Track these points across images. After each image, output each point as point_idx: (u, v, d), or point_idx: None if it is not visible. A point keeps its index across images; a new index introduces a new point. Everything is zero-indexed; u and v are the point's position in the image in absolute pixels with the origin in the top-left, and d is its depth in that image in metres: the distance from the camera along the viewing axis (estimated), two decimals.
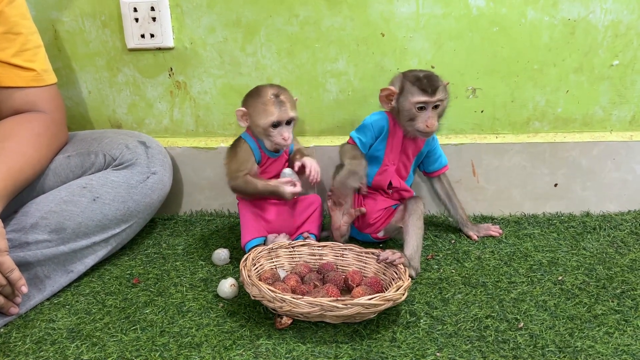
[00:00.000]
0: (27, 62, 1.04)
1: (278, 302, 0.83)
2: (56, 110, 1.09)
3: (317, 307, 0.81)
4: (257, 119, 1.04)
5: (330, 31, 1.20)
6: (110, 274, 1.05)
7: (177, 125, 1.31)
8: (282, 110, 1.03)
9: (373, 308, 0.82)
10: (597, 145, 1.19)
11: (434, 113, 1.03)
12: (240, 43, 1.23)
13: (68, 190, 1.02)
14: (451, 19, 1.17)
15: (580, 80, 1.19)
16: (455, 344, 0.81)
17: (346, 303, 0.81)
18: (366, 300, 0.81)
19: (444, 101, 1.04)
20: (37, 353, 0.83)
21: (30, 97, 1.06)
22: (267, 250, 1.00)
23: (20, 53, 1.03)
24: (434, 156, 1.14)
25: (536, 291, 0.94)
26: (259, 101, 1.04)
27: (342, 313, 0.81)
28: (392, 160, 1.09)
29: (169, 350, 0.82)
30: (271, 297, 0.83)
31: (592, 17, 1.14)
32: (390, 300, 0.83)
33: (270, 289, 0.84)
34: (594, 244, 1.10)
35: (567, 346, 0.80)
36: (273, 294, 0.83)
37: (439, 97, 1.02)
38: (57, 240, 0.97)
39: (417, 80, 1.02)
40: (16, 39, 1.03)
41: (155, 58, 1.26)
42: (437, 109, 1.04)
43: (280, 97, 1.04)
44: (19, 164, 0.96)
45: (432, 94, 1.01)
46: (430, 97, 1.01)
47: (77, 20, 1.25)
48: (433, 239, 1.15)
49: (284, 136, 1.04)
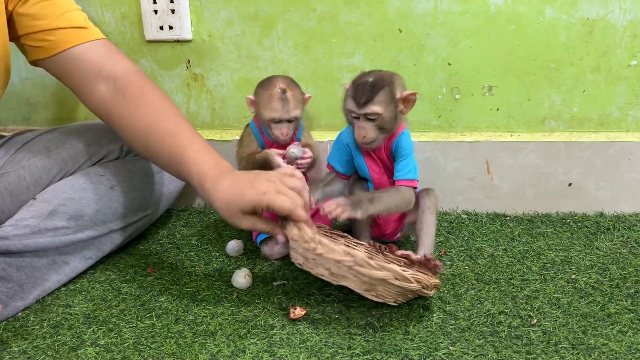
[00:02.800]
0: (71, 21, 0.98)
1: (314, 244, 0.81)
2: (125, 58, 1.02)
3: (350, 258, 0.79)
4: (261, 110, 1.05)
5: (347, 26, 1.21)
6: (126, 262, 1.07)
7: (193, 118, 1.33)
8: (285, 109, 1.03)
9: (403, 281, 0.80)
10: (613, 146, 1.19)
11: (368, 124, 0.93)
12: (257, 37, 1.24)
13: (86, 177, 1.04)
14: (469, 16, 1.17)
15: (597, 80, 1.19)
16: (468, 339, 0.81)
17: (380, 264, 0.79)
18: (400, 270, 0.80)
19: (382, 114, 0.92)
20: (54, 337, 0.84)
21: (102, 50, 0.99)
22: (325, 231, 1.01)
23: (64, 14, 0.98)
24: (396, 164, 0.99)
25: (549, 289, 0.94)
26: (265, 94, 1.04)
27: (371, 273, 0.79)
28: (378, 172, 1.02)
29: (184, 338, 0.83)
30: (309, 237, 0.81)
31: (611, 17, 1.14)
32: (420, 283, 0.82)
33: (310, 230, 0.82)
34: (607, 244, 1.10)
35: (581, 343, 0.80)
36: (312, 234, 0.81)
37: (367, 111, 0.92)
38: (75, 227, 0.99)
39: (353, 87, 0.94)
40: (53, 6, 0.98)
41: (173, 50, 1.27)
42: (373, 121, 0.93)
43: (287, 94, 1.03)
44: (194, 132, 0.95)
45: (361, 106, 0.92)
46: (358, 109, 0.93)
47: (97, 11, 1.26)
48: (446, 235, 1.16)
49: (282, 131, 1.05)
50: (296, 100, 1.05)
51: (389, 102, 0.93)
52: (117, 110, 0.96)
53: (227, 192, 0.85)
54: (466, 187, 1.25)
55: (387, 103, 0.92)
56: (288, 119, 1.04)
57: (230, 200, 0.85)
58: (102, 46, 0.99)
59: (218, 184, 0.86)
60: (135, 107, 0.95)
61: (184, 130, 0.93)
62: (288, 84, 1.05)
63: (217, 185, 0.86)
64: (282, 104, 1.03)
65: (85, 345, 0.82)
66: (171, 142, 0.92)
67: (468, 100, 1.23)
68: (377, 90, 0.92)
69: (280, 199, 0.83)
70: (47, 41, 0.96)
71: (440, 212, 1.26)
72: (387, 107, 0.92)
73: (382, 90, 0.92)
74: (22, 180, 1.03)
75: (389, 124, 0.94)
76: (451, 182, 1.25)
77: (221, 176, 0.87)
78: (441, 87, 1.22)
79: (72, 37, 0.96)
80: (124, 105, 0.96)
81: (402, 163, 0.97)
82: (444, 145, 1.23)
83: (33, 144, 1.08)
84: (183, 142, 0.92)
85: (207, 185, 0.87)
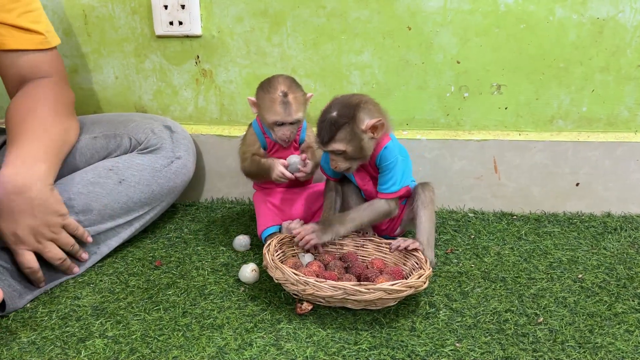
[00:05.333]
0: (33, 23, 1.05)
1: (301, 285, 0.84)
2: (60, 71, 1.11)
3: (340, 291, 0.82)
4: (263, 113, 1.05)
5: (357, 23, 1.21)
6: (133, 256, 1.07)
7: (201, 113, 1.33)
8: (287, 112, 1.03)
9: (395, 294, 0.83)
10: (621, 146, 1.19)
11: (337, 157, 0.96)
12: (266, 33, 1.24)
13: (94, 172, 1.04)
14: (478, 14, 1.17)
15: (606, 79, 1.18)
16: (475, 336, 0.81)
17: (369, 288, 0.82)
18: (388, 286, 0.82)
19: (345, 150, 0.93)
20: (62, 328, 0.85)
21: (37, 61, 1.06)
22: (290, 237, 1.01)
23: (25, 14, 1.03)
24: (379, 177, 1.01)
25: (556, 288, 0.94)
26: (267, 97, 1.04)
27: (364, 298, 0.82)
28: (364, 179, 1.03)
29: (192, 331, 0.83)
30: (294, 280, 0.84)
31: (621, 17, 1.14)
32: (412, 287, 0.83)
33: (294, 272, 0.85)
34: (614, 244, 1.09)
35: (587, 342, 0.80)
36: (296, 276, 0.84)
37: (330, 148, 0.94)
38: (84, 221, 0.99)
39: (318, 125, 0.95)
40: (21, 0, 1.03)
41: (183, 45, 1.28)
42: (341, 155, 0.95)
43: (289, 97, 1.03)
44: (54, 142, 0.99)
45: (325, 145, 0.94)
46: (323, 147, 0.95)
47: (108, 6, 1.27)
48: (452, 233, 1.16)
49: (285, 133, 1.05)
50: (298, 103, 1.04)
51: (352, 138, 0.93)
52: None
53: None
54: (473, 186, 1.25)
55: (348, 140, 0.93)
56: (290, 122, 1.04)
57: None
58: (45, 57, 1.07)
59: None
60: (20, 98, 1.04)
61: (31, 128, 0.98)
62: (289, 86, 1.04)
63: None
64: (284, 107, 1.02)
65: (93, 337, 0.82)
66: (15, 129, 0.99)
67: (476, 99, 1.23)
68: (336, 129, 0.93)
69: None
70: None
71: (447, 210, 1.26)
72: (350, 143, 0.93)
73: (342, 129, 0.93)
74: None
75: (358, 153, 0.95)
76: (458, 181, 1.25)
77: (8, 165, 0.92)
78: (450, 86, 1.22)
79: (22, 40, 1.03)
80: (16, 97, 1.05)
81: (384, 177, 0.99)
82: (451, 144, 1.23)
83: None
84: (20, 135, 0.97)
85: None
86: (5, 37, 1.02)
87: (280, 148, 1.10)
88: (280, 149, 1.10)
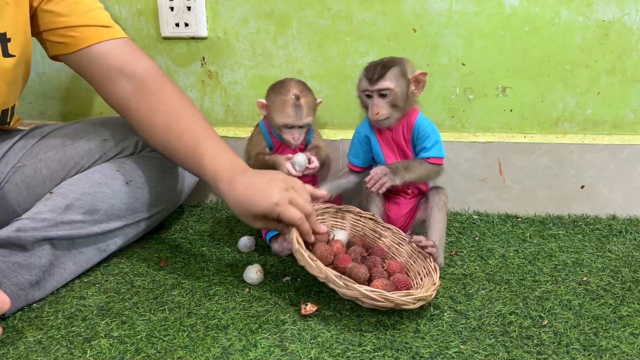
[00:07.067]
0: (106, 20, 1.02)
1: (299, 255, 0.86)
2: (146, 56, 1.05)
3: (321, 275, 0.84)
4: (273, 115, 1.06)
5: (362, 25, 1.21)
6: (139, 256, 1.08)
7: (207, 114, 1.33)
8: (298, 115, 1.04)
9: (404, 306, 0.83)
10: (627, 148, 1.19)
11: (380, 101, 0.99)
12: (272, 35, 1.25)
13: (102, 172, 1.05)
14: (483, 16, 1.17)
15: (612, 82, 1.18)
16: (479, 338, 0.82)
17: (383, 296, 0.82)
18: (401, 299, 0.82)
19: (393, 90, 0.98)
20: (68, 328, 0.85)
21: (123, 49, 1.01)
22: (335, 209, 1.04)
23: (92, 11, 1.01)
24: (419, 146, 1.04)
25: (560, 290, 0.94)
26: (279, 99, 1.05)
27: (376, 304, 0.83)
28: (393, 157, 1.06)
29: (197, 331, 0.84)
30: (295, 249, 0.86)
31: (627, 19, 1.13)
32: (422, 300, 0.85)
33: (312, 258, 0.85)
34: (619, 247, 1.09)
35: (592, 345, 0.80)
36: (314, 263, 0.85)
37: (379, 86, 0.98)
38: (91, 221, 1.00)
39: (366, 69, 1.01)
40: None
41: (189, 47, 1.28)
42: (385, 97, 0.99)
43: (301, 100, 1.04)
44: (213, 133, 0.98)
45: (374, 82, 0.98)
46: (370, 86, 0.99)
47: (114, 8, 1.28)
48: (457, 235, 1.16)
49: (294, 136, 1.06)
50: (309, 107, 1.05)
51: (400, 79, 0.99)
52: (137, 106, 0.99)
53: (240, 195, 0.89)
54: (478, 188, 1.25)
55: (397, 79, 0.99)
56: (300, 125, 1.05)
57: (242, 204, 0.89)
58: (123, 45, 1.02)
59: (232, 186, 0.89)
60: (156, 104, 0.99)
61: (201, 129, 0.97)
62: (301, 90, 1.06)
63: (230, 187, 0.89)
64: (295, 110, 1.04)
65: (99, 337, 0.83)
66: (188, 139, 0.95)
67: (481, 101, 1.23)
68: (388, 68, 0.99)
69: (290, 212, 0.87)
70: (70, 37, 0.98)
71: (452, 212, 1.26)
72: (398, 83, 0.98)
73: (393, 68, 0.99)
74: (39, 174, 1.05)
75: (401, 101, 1.00)
76: (463, 183, 1.25)
77: (235, 178, 0.90)
78: (455, 87, 1.23)
79: (95, 34, 0.99)
80: (144, 101, 0.99)
81: (427, 142, 1.03)
82: (456, 146, 1.23)
83: (50, 137, 1.09)
84: (200, 140, 0.95)
85: (221, 186, 0.90)
86: (82, 36, 0.98)
87: (286, 149, 1.10)
88: (287, 150, 1.10)
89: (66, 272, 0.97)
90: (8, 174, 1.05)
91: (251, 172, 0.92)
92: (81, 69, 1.02)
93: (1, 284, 0.86)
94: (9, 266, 0.89)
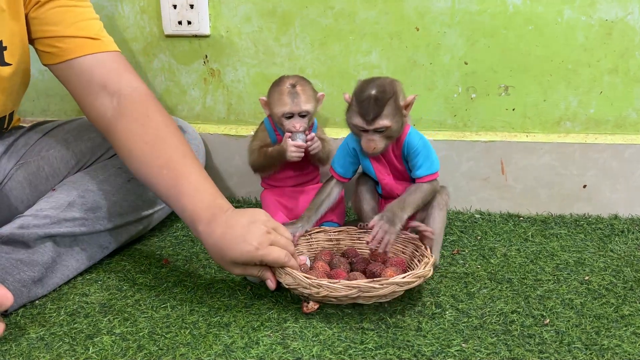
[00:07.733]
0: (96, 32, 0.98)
1: (315, 288, 0.84)
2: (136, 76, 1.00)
3: (355, 290, 0.83)
4: (273, 107, 1.06)
5: (364, 24, 1.21)
6: (141, 254, 1.08)
7: (209, 112, 1.34)
8: (296, 102, 1.04)
9: (406, 286, 0.84)
10: (629, 148, 1.18)
11: (376, 136, 0.94)
12: (274, 33, 1.25)
13: (104, 170, 1.05)
14: (486, 15, 1.17)
15: (614, 81, 1.18)
16: (481, 337, 0.82)
17: (382, 283, 0.83)
18: (400, 279, 0.83)
19: (390, 128, 0.93)
20: (71, 325, 0.86)
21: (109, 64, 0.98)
22: None
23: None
24: (411, 163, 1.01)
25: (562, 289, 0.94)
26: (276, 90, 1.06)
27: (378, 293, 0.83)
28: (384, 172, 1.03)
29: (199, 329, 0.84)
30: (307, 283, 0.84)
31: (630, 19, 1.13)
32: (421, 277, 0.86)
33: (306, 276, 0.85)
34: (621, 247, 1.09)
35: (594, 344, 0.80)
36: (309, 280, 0.84)
37: (376, 126, 0.93)
38: (93, 219, 1.00)
39: (358, 103, 0.94)
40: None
41: (191, 45, 1.28)
42: (382, 133, 0.94)
43: (297, 88, 1.04)
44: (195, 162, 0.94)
45: (370, 122, 0.93)
46: (367, 125, 0.93)
47: (117, 6, 1.28)
48: (459, 234, 1.16)
49: (295, 125, 1.05)
50: (307, 95, 1.05)
51: (396, 114, 0.94)
52: (117, 127, 0.94)
53: (218, 241, 0.85)
54: (480, 187, 1.25)
55: (393, 115, 0.94)
56: (299, 112, 1.05)
57: (221, 250, 0.86)
58: (112, 59, 0.98)
59: (210, 230, 0.86)
60: (137, 130, 0.93)
61: (183, 163, 0.91)
62: (298, 80, 1.06)
63: (209, 231, 0.86)
64: (291, 97, 1.04)
65: (101, 334, 0.83)
66: (168, 174, 0.90)
67: (484, 100, 1.23)
68: (383, 104, 0.93)
69: (275, 253, 0.85)
70: (56, 47, 0.95)
71: (454, 211, 1.26)
72: (394, 119, 0.94)
73: (388, 103, 0.93)
74: (41, 171, 1.05)
75: (396, 132, 0.96)
76: (465, 182, 1.25)
77: (214, 220, 0.86)
78: (457, 86, 1.23)
79: (81, 47, 0.95)
80: (125, 125, 0.94)
81: (419, 160, 0.99)
82: (458, 145, 1.23)
83: (52, 135, 1.09)
84: (180, 175, 0.90)
85: (200, 228, 0.87)
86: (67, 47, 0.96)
87: None
88: None
89: (68, 269, 0.97)
90: (10, 171, 1.05)
91: (232, 212, 0.88)
92: (65, 80, 0.98)
93: (4, 280, 0.87)
94: (12, 263, 0.90)
